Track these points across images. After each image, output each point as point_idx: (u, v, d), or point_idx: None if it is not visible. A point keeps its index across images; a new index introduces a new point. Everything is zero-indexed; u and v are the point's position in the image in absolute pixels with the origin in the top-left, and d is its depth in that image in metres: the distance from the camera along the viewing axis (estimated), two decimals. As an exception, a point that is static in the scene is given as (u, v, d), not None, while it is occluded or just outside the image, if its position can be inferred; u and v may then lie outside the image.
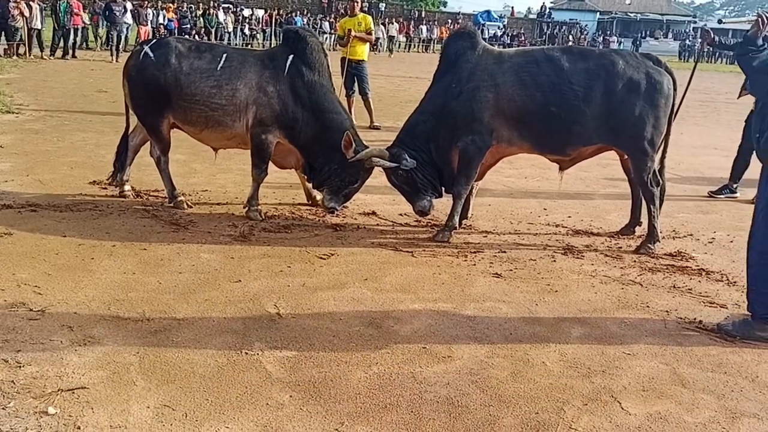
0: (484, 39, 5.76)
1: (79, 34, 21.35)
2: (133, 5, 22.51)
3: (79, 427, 2.73)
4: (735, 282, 4.81)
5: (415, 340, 3.68)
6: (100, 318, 3.70)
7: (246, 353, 3.42)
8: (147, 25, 23.83)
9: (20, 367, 3.14)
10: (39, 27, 19.50)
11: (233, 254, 4.82)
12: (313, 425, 2.87)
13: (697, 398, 3.25)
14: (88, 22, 23.14)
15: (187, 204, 5.87)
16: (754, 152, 4.25)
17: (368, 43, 10.76)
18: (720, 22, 40.39)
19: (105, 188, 6.26)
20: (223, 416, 2.88)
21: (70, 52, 20.37)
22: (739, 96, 7.33)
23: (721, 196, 7.44)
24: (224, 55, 5.63)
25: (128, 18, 21.50)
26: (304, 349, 3.51)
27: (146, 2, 25.18)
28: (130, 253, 4.72)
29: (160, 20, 25.44)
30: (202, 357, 3.35)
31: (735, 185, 7.46)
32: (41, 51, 19.65)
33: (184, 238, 5.10)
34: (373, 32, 10.76)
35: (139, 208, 5.77)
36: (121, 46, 20.77)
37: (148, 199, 6.07)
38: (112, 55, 20.30)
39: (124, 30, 21.34)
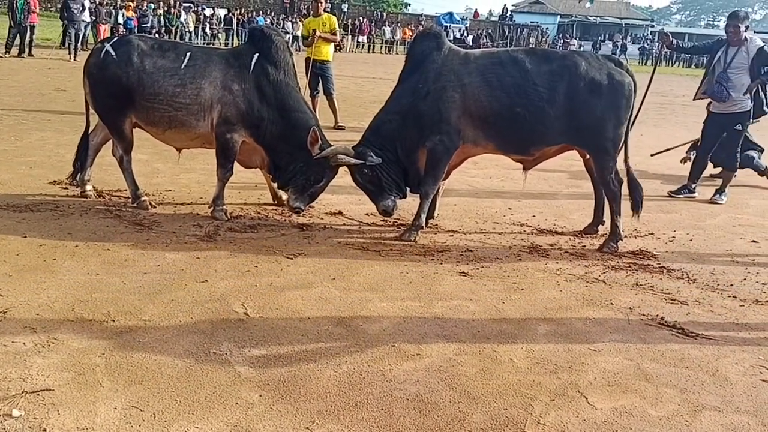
0: (449, 40, 5.79)
1: (36, 32, 20.88)
2: (91, 2, 22.10)
3: (44, 429, 2.68)
4: (695, 279, 4.92)
5: (384, 339, 3.69)
6: (63, 319, 3.63)
7: (214, 353, 3.39)
8: (106, 23, 23.42)
9: (-18, 369, 3.07)
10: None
11: (199, 254, 4.77)
12: (283, 424, 2.86)
13: (660, 392, 3.31)
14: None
15: (150, 204, 5.79)
16: None
17: (332, 44, 10.78)
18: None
19: (66, 188, 6.14)
20: (192, 416, 2.85)
21: (27, 50, 19.92)
22: (695, 98, 7.49)
23: (680, 195, 7.59)
24: (188, 54, 5.55)
25: (86, 16, 21.10)
26: (273, 348, 3.50)
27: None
28: (93, 253, 4.64)
29: (120, 19, 24.99)
30: (170, 357, 3.32)
31: (693, 185, 7.61)
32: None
33: (148, 238, 5.03)
34: (338, 32, 10.76)
35: (101, 208, 5.68)
36: (79, 45, 20.40)
37: (111, 200, 5.97)
38: (70, 53, 19.91)
39: (83, 28, 20.95)
